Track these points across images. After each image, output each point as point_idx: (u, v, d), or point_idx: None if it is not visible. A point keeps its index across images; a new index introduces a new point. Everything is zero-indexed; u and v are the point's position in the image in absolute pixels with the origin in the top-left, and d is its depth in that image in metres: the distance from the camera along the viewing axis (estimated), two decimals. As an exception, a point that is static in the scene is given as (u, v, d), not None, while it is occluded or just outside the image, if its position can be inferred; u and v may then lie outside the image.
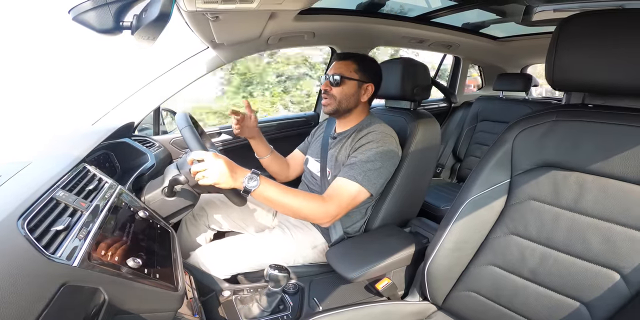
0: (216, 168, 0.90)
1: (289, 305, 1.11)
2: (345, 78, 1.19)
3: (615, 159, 0.69)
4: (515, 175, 0.83)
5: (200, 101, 5.47)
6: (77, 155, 0.90)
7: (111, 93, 1.46)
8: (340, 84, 1.19)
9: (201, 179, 0.91)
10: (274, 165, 1.46)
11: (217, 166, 0.91)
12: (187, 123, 1.04)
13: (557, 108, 0.80)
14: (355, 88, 1.20)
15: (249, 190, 0.94)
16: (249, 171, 0.96)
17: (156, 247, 0.81)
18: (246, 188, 0.94)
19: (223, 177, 0.91)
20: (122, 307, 0.61)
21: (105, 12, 0.66)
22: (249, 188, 0.94)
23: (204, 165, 0.91)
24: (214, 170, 0.90)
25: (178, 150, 1.65)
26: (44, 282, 0.49)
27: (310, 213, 1.02)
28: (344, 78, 1.19)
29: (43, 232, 0.57)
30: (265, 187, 0.96)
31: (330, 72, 1.21)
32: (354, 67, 1.20)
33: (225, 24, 1.21)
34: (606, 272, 0.69)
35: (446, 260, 0.91)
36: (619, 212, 0.68)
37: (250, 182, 0.94)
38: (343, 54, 1.26)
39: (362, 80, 1.21)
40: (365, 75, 1.21)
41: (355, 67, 1.20)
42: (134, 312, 0.63)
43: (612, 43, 0.66)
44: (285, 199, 0.98)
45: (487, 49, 2.49)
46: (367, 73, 1.21)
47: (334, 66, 1.22)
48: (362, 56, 1.24)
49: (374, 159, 1.09)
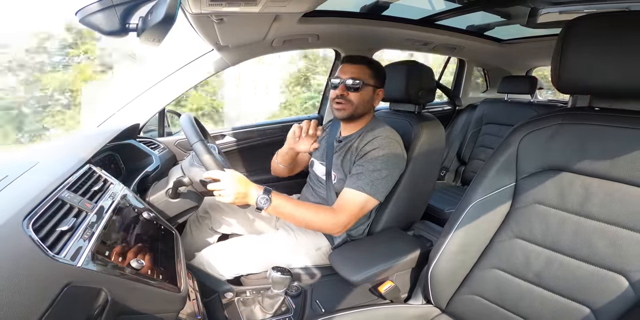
0: (232, 189, 0.95)
1: (292, 307, 1.11)
2: (365, 84, 1.16)
3: (621, 162, 0.68)
4: (521, 179, 0.82)
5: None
6: (82, 157, 0.91)
7: (117, 95, 1.47)
8: (360, 90, 1.16)
9: (218, 197, 0.97)
10: (285, 171, 1.49)
11: (234, 187, 0.95)
12: (197, 137, 0.98)
13: (563, 111, 0.80)
14: (371, 94, 1.19)
15: (261, 208, 0.99)
16: (262, 188, 1.00)
17: (160, 248, 0.81)
18: (259, 206, 0.99)
19: (239, 197, 0.96)
20: (125, 308, 0.61)
21: (112, 14, 0.67)
22: (261, 206, 0.99)
23: (220, 186, 0.95)
24: (230, 191, 0.95)
25: (183, 152, 1.66)
26: (48, 282, 0.49)
27: (322, 225, 1.06)
28: (365, 84, 1.16)
29: (48, 233, 0.57)
30: (276, 204, 1.00)
31: (346, 76, 1.16)
32: (369, 73, 1.17)
33: (229, 27, 1.22)
34: (612, 276, 0.68)
35: (450, 264, 0.90)
36: (625, 216, 0.67)
37: (262, 201, 0.99)
38: (358, 57, 1.21)
39: (376, 86, 1.20)
40: (378, 81, 1.20)
41: (370, 72, 1.18)
42: (136, 312, 0.63)
43: (618, 45, 0.66)
44: (297, 213, 1.03)
45: (492, 51, 2.48)
46: (380, 78, 1.21)
47: (348, 70, 1.17)
48: (373, 61, 1.23)
49: (381, 167, 1.09)
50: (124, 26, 0.70)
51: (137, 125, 1.44)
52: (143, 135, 1.56)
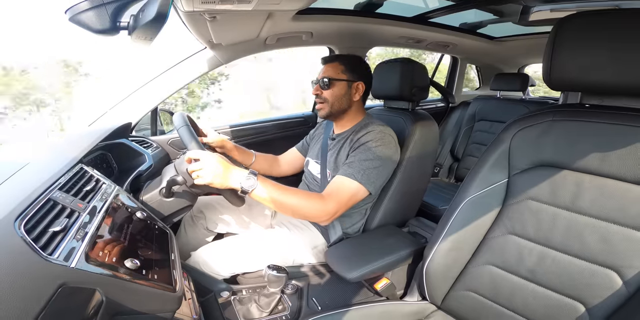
0: (211, 167, 0.91)
1: (288, 305, 1.11)
2: (334, 80, 1.20)
3: (612, 158, 0.69)
4: (513, 175, 0.83)
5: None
6: (74, 156, 0.90)
7: (108, 93, 1.46)
8: (330, 87, 1.20)
9: (196, 179, 0.92)
10: (262, 166, 1.47)
11: (212, 166, 0.91)
12: (184, 122, 1.05)
13: (554, 108, 0.80)
14: (346, 88, 1.21)
15: (246, 191, 0.95)
16: (246, 171, 0.96)
17: (154, 248, 0.81)
18: (243, 189, 0.94)
19: (217, 177, 0.91)
20: (120, 308, 0.60)
21: (103, 12, 0.66)
22: (246, 189, 0.94)
23: (199, 165, 0.92)
24: (208, 170, 0.91)
25: (176, 150, 1.65)
26: (42, 283, 0.49)
27: (309, 211, 1.03)
28: (333, 80, 1.20)
29: (40, 233, 0.56)
30: (263, 187, 0.96)
31: (319, 76, 1.22)
32: (342, 68, 1.21)
33: (222, 24, 1.21)
34: (604, 271, 0.70)
35: (444, 260, 0.91)
36: (616, 212, 0.68)
37: (247, 183, 0.94)
38: (329, 57, 1.27)
39: (351, 80, 1.21)
40: (353, 75, 1.21)
41: (343, 68, 1.21)
42: (132, 313, 0.63)
43: (608, 43, 0.66)
44: (284, 198, 0.99)
45: (485, 48, 2.50)
46: (355, 72, 1.22)
47: (322, 70, 1.24)
48: (348, 56, 1.26)
49: (373, 157, 1.09)
50: (115, 25, 0.70)
51: (129, 124, 1.42)
52: (135, 134, 1.55)
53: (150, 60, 1.55)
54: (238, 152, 1.40)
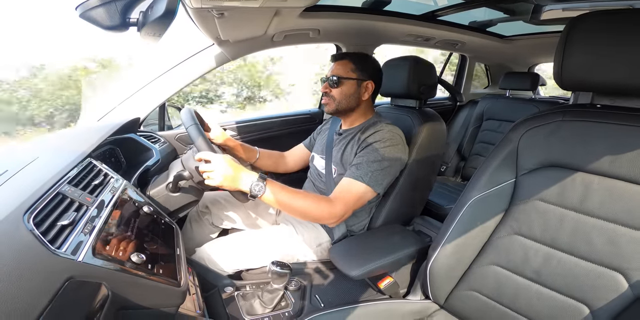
0: (221, 170, 0.93)
1: (291, 302, 1.11)
2: (343, 78, 1.19)
3: (622, 160, 0.68)
4: (521, 175, 0.82)
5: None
6: (83, 151, 0.91)
7: (117, 89, 1.47)
8: (339, 85, 1.19)
9: (207, 180, 0.95)
10: (266, 163, 1.48)
11: (223, 168, 0.93)
12: (193, 121, 1.04)
13: (565, 108, 0.79)
14: (355, 87, 1.20)
15: (255, 195, 0.96)
16: (256, 175, 0.97)
17: (160, 243, 0.82)
18: (252, 193, 0.96)
19: (227, 179, 0.93)
20: (125, 303, 0.61)
21: (112, 9, 0.67)
22: (255, 193, 0.96)
23: (210, 167, 0.94)
24: (218, 173, 0.93)
25: (183, 146, 1.66)
26: (49, 276, 0.50)
27: (317, 214, 1.04)
28: (342, 79, 1.19)
29: (49, 227, 0.57)
30: (271, 191, 0.97)
31: (329, 74, 1.22)
32: (351, 67, 1.20)
33: (230, 21, 1.21)
34: (610, 273, 0.69)
35: (449, 260, 0.91)
36: (625, 214, 0.67)
37: (257, 187, 0.96)
38: (339, 54, 1.26)
39: (361, 79, 1.20)
40: (363, 74, 1.20)
41: (352, 66, 1.20)
42: (137, 307, 0.64)
43: (621, 43, 0.65)
44: (293, 202, 1.00)
45: (494, 47, 2.46)
46: (365, 71, 1.21)
47: (331, 67, 1.23)
48: (358, 54, 1.24)
49: (381, 158, 1.09)
50: (125, 21, 0.70)
51: (137, 119, 1.43)
52: (143, 129, 1.56)
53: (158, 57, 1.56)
54: (242, 149, 1.40)
